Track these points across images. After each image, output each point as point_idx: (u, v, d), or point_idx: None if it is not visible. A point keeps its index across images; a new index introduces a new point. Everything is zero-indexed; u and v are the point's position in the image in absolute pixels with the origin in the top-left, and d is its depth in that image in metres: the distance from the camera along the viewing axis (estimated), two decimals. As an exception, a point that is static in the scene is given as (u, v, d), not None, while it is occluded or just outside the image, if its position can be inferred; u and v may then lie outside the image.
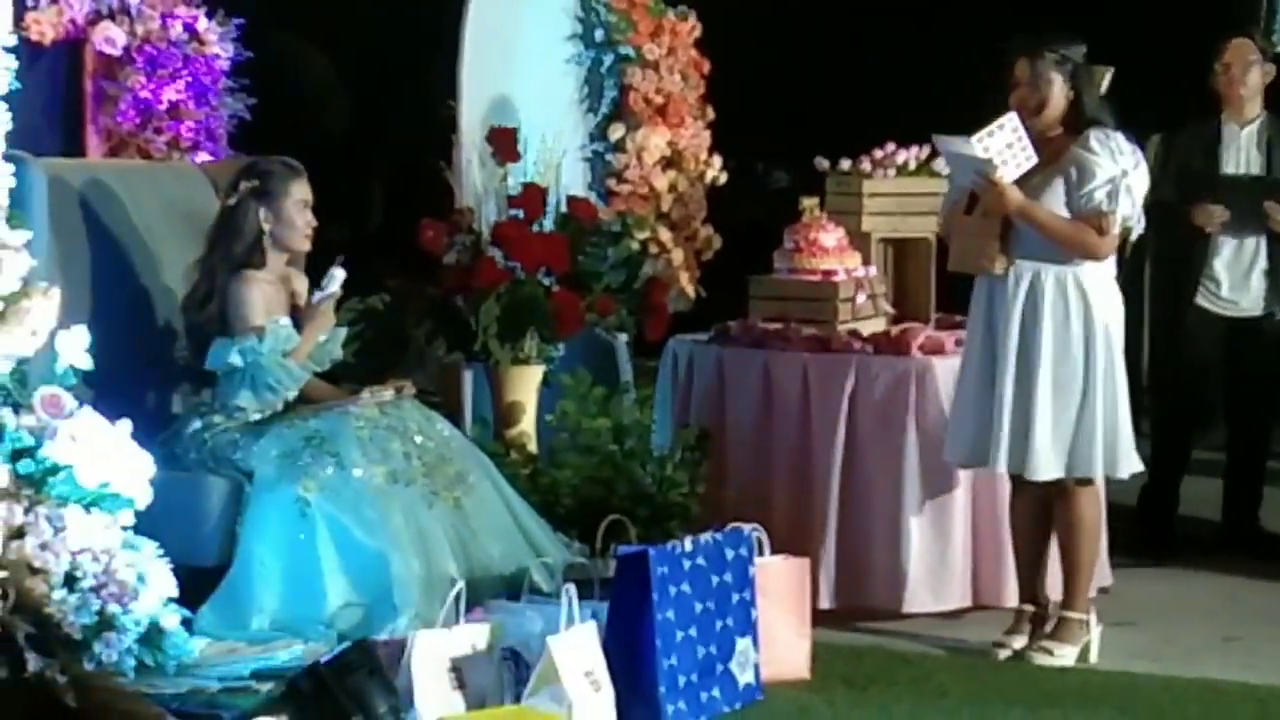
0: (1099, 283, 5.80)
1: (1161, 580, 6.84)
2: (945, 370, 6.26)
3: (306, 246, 5.94)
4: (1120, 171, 5.73)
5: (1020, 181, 5.75)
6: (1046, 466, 5.77)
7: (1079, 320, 5.76)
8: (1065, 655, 5.82)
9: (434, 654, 4.94)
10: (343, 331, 6.05)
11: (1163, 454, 7.22)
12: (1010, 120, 5.74)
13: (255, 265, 5.82)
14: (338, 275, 5.86)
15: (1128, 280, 6.68)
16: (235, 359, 5.69)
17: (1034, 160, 5.74)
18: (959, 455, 5.99)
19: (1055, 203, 5.77)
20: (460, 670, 4.97)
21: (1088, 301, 5.76)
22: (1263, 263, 7.14)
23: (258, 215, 5.82)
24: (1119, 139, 5.77)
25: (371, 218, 9.47)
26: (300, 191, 5.89)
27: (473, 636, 5.04)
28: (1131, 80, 6.03)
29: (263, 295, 5.80)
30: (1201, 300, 7.16)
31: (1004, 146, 5.71)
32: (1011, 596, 6.18)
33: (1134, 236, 5.92)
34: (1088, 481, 5.82)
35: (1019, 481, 5.91)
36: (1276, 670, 5.74)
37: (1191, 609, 6.50)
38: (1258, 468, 7.39)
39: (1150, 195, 5.88)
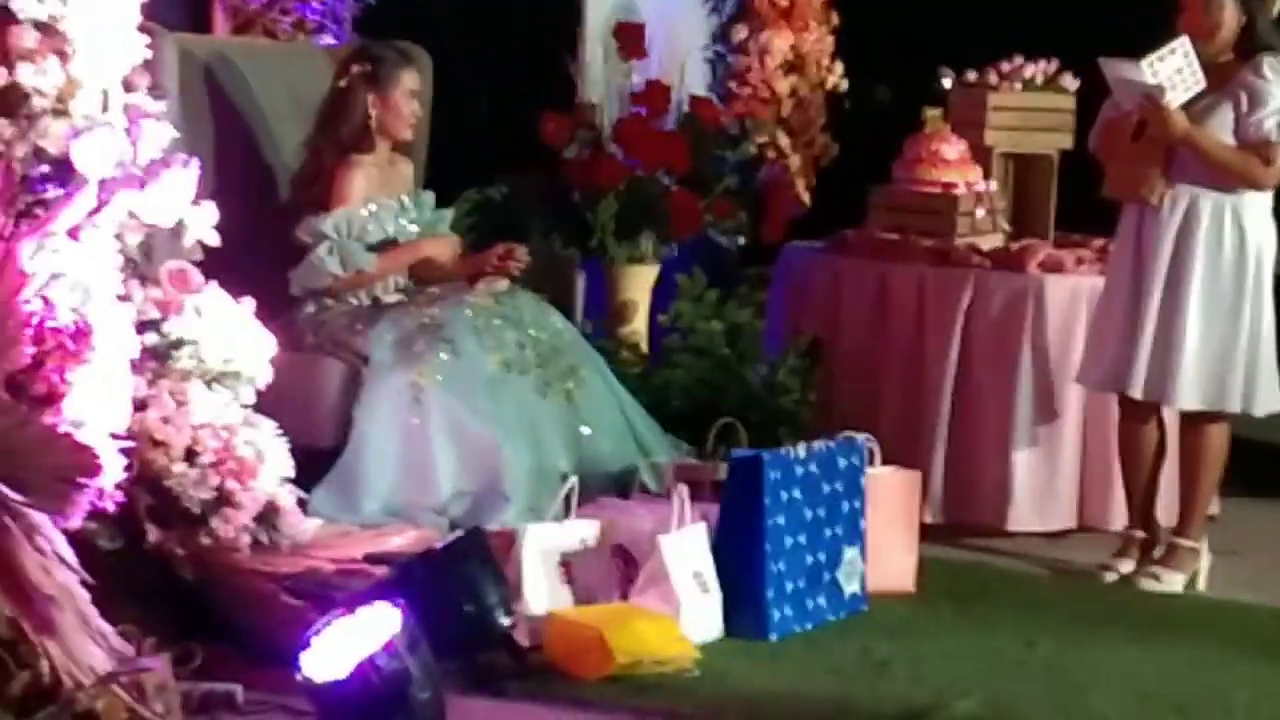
0: (1256, 213, 5.67)
1: (1269, 510, 6.76)
2: (1062, 289, 6.20)
3: (409, 136, 5.91)
4: None
5: (1186, 106, 5.61)
6: (1187, 396, 5.68)
7: (1233, 250, 5.63)
8: (1174, 582, 5.77)
9: (544, 547, 4.93)
10: (448, 213, 6.02)
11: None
12: (1181, 44, 5.58)
13: (362, 150, 5.81)
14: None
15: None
16: (327, 229, 5.69)
17: (1202, 85, 5.59)
18: (1094, 379, 5.90)
19: (1222, 129, 5.62)
20: (569, 565, 4.96)
21: (1243, 231, 5.64)
22: None
23: (366, 100, 5.80)
24: None
25: (493, 107, 9.40)
26: (410, 81, 5.85)
27: (583, 532, 5.03)
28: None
29: (366, 179, 5.78)
30: None
31: (1173, 71, 5.56)
32: (1117, 520, 6.13)
33: None
34: (1222, 415, 5.75)
35: (1131, 406, 5.84)
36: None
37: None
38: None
39: None
